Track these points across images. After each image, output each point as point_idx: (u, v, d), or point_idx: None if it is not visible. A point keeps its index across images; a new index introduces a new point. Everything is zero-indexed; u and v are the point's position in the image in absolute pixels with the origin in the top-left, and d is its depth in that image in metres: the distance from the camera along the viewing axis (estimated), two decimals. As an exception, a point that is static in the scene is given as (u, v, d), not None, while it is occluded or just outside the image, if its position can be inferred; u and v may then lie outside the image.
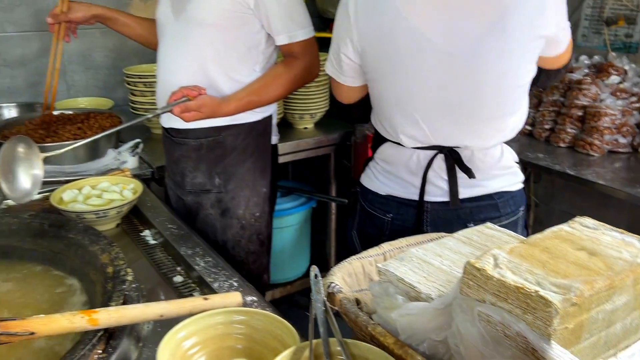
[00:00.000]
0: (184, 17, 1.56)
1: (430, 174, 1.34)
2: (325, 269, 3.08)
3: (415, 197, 1.36)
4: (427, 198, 1.35)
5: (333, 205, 2.61)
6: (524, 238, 0.80)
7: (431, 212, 1.35)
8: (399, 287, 0.82)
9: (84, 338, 0.88)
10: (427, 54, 1.22)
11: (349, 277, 0.99)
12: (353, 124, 2.26)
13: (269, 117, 1.72)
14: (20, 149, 1.29)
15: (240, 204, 1.69)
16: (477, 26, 1.18)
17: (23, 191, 1.27)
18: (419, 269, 0.84)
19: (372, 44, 1.28)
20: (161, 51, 1.66)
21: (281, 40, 1.57)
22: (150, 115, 1.61)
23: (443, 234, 1.08)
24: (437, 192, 1.34)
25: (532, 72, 1.28)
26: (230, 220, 1.70)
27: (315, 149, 2.40)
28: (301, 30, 1.57)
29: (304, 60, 1.60)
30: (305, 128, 2.48)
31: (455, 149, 1.32)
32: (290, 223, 2.55)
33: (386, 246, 1.04)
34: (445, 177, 1.33)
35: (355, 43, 1.30)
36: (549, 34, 1.22)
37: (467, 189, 1.34)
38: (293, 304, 2.76)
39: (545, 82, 1.43)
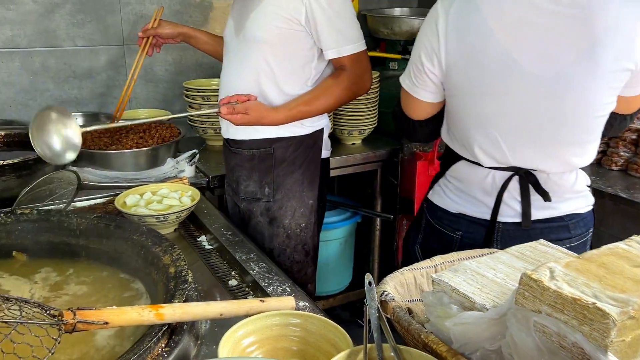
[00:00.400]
0: (243, 35, 1.65)
1: (504, 194, 1.35)
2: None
3: (487, 216, 1.37)
4: (499, 218, 1.36)
5: (378, 220, 2.63)
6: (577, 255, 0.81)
7: (502, 231, 1.36)
8: (452, 297, 0.84)
9: (149, 331, 0.93)
10: (515, 76, 1.23)
11: (401, 287, 1.01)
12: (419, 142, 2.22)
13: (320, 131, 1.77)
14: (54, 115, 1.46)
15: (287, 214, 1.75)
16: (567, 52, 1.19)
17: (56, 152, 1.47)
18: (473, 281, 0.86)
19: (459, 62, 1.28)
20: (224, 66, 1.76)
21: (330, 54, 1.62)
22: (199, 112, 1.82)
23: (494, 249, 1.10)
24: (510, 212, 1.35)
25: (612, 105, 1.28)
26: (277, 229, 1.76)
27: (363, 165, 2.44)
28: (351, 44, 1.60)
29: (353, 73, 1.63)
30: (353, 144, 2.52)
31: (532, 171, 1.33)
32: (335, 237, 2.58)
33: (438, 259, 1.06)
34: (519, 198, 1.34)
35: (441, 60, 1.30)
36: (635, 68, 1.22)
37: (540, 211, 1.34)
38: (334, 318, 2.77)
39: (609, 129, 1.39)
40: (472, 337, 0.77)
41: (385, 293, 0.95)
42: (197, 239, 1.52)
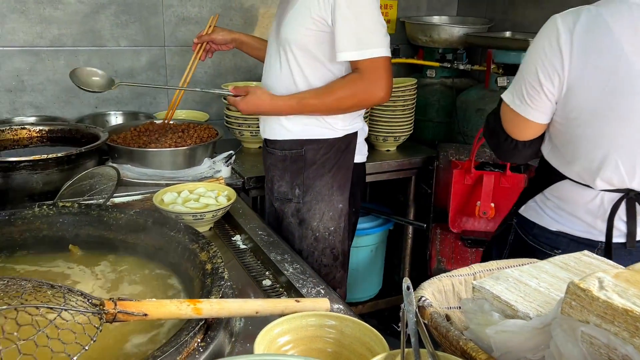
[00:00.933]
0: (279, 37, 1.68)
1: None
2: (398, 293, 3.05)
3: (589, 235, 1.35)
4: (602, 238, 1.34)
5: (410, 229, 2.61)
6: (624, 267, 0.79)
7: (604, 250, 1.35)
8: (494, 305, 0.83)
9: (186, 325, 0.94)
10: None
11: (439, 293, 1.00)
12: (516, 162, 2.06)
13: (353, 135, 1.75)
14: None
15: (315, 216, 1.75)
16: None
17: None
18: (515, 289, 0.84)
19: (584, 83, 1.24)
20: (264, 69, 1.79)
21: (341, 57, 1.56)
22: (210, 91, 1.87)
23: (533, 259, 1.07)
24: (615, 232, 1.34)
25: None
26: (305, 230, 1.77)
27: (397, 172, 2.42)
28: (366, 49, 1.53)
29: (367, 80, 1.57)
30: (388, 150, 2.51)
31: None
32: (366, 243, 2.57)
33: (477, 267, 1.04)
34: (625, 218, 1.32)
35: (564, 80, 1.26)
36: None
37: None
38: (363, 325, 2.75)
39: None
40: (514, 346, 0.75)
41: (423, 298, 0.93)
42: (232, 239, 1.53)
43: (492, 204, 2.15)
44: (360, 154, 1.82)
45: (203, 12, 2.51)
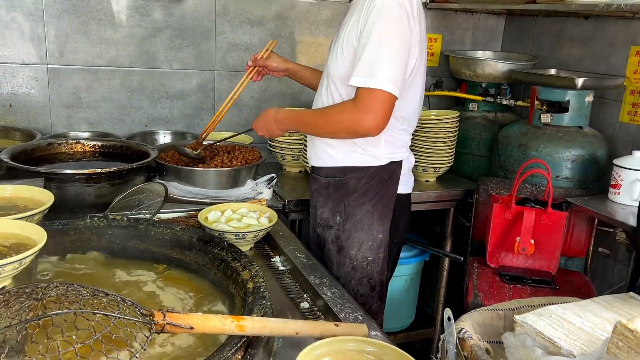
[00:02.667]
0: (325, 68, 1.72)
1: None
2: (430, 325, 3.01)
3: None
4: None
5: (446, 261, 2.59)
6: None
7: None
8: (536, 340, 0.82)
9: (229, 341, 0.96)
10: None
11: (479, 326, 1.00)
12: None
13: (397, 164, 1.74)
14: None
15: (354, 245, 1.74)
16: None
17: None
18: (558, 326, 0.83)
19: None
20: (315, 97, 1.82)
21: (351, 80, 1.52)
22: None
23: (577, 298, 1.06)
24: None
25: None
26: (343, 258, 1.76)
27: (435, 202, 2.42)
28: (371, 79, 1.47)
29: (357, 108, 1.51)
30: (427, 181, 2.52)
31: None
32: (401, 273, 2.55)
33: (518, 302, 1.04)
34: None
35: None
36: None
37: None
38: (393, 356, 2.72)
39: None
40: (557, 383, 0.75)
41: (464, 330, 0.94)
42: (272, 260, 1.56)
43: (532, 241, 2.12)
44: (405, 185, 1.80)
45: (253, 39, 2.61)
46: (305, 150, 2.05)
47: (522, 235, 2.11)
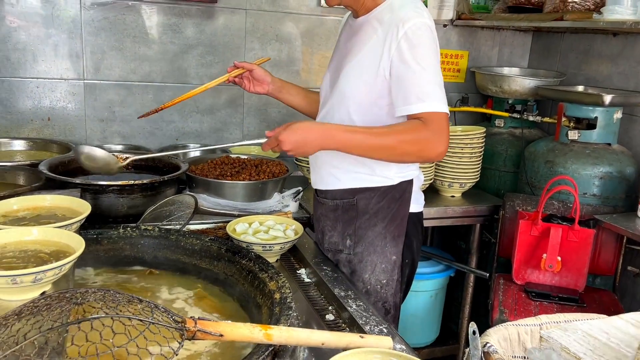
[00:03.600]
0: (336, 89, 1.66)
1: None
2: (455, 341, 3.00)
3: None
4: None
5: (472, 277, 2.58)
6: None
7: None
8: (562, 356, 0.83)
9: (256, 350, 0.99)
10: None
11: (504, 341, 1.00)
12: None
13: (408, 183, 1.67)
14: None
15: (367, 268, 1.67)
16: None
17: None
18: (584, 342, 0.84)
19: None
20: (319, 118, 1.75)
21: (403, 110, 1.49)
22: (245, 143, 1.71)
23: (602, 315, 1.06)
24: None
25: None
26: (356, 282, 1.68)
27: (461, 218, 2.42)
28: (430, 102, 1.46)
29: (431, 130, 1.46)
30: (453, 196, 2.52)
31: None
32: (425, 288, 2.55)
33: (544, 318, 1.04)
34: None
35: None
36: None
37: None
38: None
39: None
40: (582, 398, 0.76)
41: (489, 345, 0.95)
42: (297, 271, 1.59)
43: (559, 258, 2.11)
44: (417, 203, 1.72)
45: (282, 55, 2.66)
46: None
47: (549, 252, 2.10)
